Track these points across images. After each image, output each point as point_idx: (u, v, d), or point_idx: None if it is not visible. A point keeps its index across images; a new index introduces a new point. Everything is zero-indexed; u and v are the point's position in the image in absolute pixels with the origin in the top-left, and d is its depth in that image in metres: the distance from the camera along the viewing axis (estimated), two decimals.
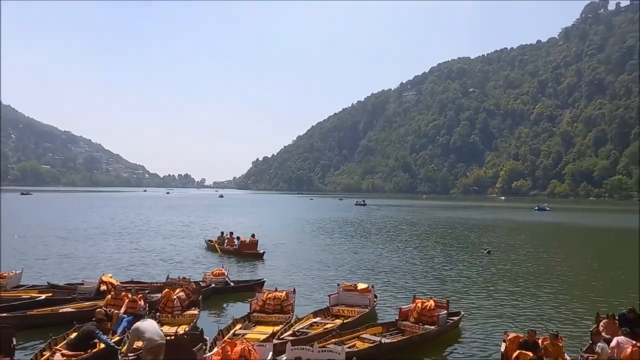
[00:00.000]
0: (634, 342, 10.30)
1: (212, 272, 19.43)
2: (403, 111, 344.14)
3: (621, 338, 10.44)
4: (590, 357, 10.46)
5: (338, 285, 16.25)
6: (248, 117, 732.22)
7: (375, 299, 16.01)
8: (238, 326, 13.29)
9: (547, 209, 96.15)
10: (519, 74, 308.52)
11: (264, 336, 12.07)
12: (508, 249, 33.68)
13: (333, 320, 14.23)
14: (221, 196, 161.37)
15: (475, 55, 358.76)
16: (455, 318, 14.13)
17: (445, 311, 13.74)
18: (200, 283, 17.55)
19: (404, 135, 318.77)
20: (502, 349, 10.74)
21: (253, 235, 29.72)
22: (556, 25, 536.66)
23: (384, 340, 12.03)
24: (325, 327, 13.35)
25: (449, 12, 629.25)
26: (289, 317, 14.02)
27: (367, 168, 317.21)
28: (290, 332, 12.77)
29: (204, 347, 10.33)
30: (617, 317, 12.36)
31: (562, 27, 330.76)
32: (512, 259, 28.61)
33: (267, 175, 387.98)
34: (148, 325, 10.26)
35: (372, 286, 16.25)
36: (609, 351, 10.16)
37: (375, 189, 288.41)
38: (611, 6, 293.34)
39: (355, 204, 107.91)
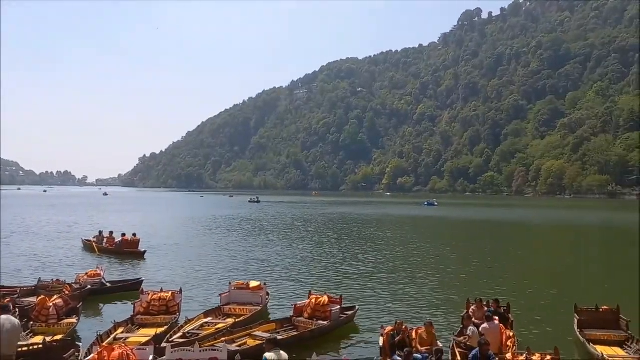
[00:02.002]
0: (499, 325, 11.05)
1: (87, 273, 18.20)
2: (294, 109, 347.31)
3: (487, 324, 11.06)
4: (461, 341, 10.99)
5: (230, 283, 15.85)
6: (132, 111, 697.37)
7: (267, 297, 15.80)
8: (120, 330, 12.50)
9: (436, 204, 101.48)
10: (403, 75, 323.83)
11: (148, 339, 11.42)
12: (402, 243, 34.95)
13: (225, 319, 13.85)
14: (105, 194, 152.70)
15: (363, 56, 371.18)
16: (350, 313, 14.22)
17: (339, 306, 13.80)
18: (74, 285, 16.32)
19: (295, 132, 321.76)
20: (380, 343, 10.75)
21: (134, 234, 28.30)
22: (436, 31, 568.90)
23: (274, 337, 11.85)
24: (217, 327, 12.94)
25: (338, 13, 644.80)
26: (175, 318, 13.54)
27: (259, 165, 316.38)
28: (180, 334, 12.21)
29: (76, 353, 9.57)
30: (484, 303, 13.05)
31: (441, 32, 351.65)
32: (405, 253, 29.63)
33: (155, 172, 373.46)
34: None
35: (265, 284, 16.01)
36: (478, 333, 10.71)
37: (268, 185, 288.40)
38: (484, 15, 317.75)
39: (249, 201, 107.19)
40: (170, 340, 11.42)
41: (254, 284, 15.74)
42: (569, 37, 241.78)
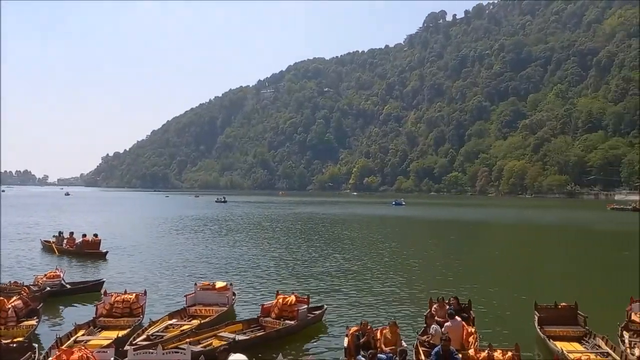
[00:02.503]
0: (460, 322, 11.26)
1: (46, 275, 17.71)
2: (261, 108, 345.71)
3: (451, 320, 11.25)
4: (425, 339, 11.15)
5: (195, 284, 15.67)
6: (95, 109, 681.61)
7: (234, 297, 15.68)
8: (81, 332, 12.24)
9: (404, 203, 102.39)
10: (370, 76, 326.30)
11: (110, 342, 11.23)
12: (370, 243, 35.17)
13: (190, 321, 13.69)
14: (67, 194, 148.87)
15: (330, 56, 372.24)
16: (318, 312, 14.23)
17: (306, 306, 13.78)
18: (32, 287, 15.89)
19: (262, 132, 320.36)
20: (345, 343, 10.73)
21: (96, 235, 27.71)
22: (402, 32, 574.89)
23: (239, 337, 11.84)
24: (182, 328, 12.78)
25: (305, 12, 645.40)
26: (139, 320, 13.33)
27: (226, 164, 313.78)
28: (143, 336, 12.00)
29: (33, 356, 9.32)
30: (446, 302, 13.24)
31: (407, 34, 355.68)
32: (373, 252, 29.77)
33: (118, 172, 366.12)
34: None
35: (231, 284, 15.89)
36: (441, 331, 10.88)
37: (234, 185, 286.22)
38: (449, 17, 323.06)
39: (216, 201, 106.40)
40: (133, 342, 11.23)
41: (220, 284, 15.60)
42: (530, 40, 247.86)
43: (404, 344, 10.78)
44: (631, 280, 20.42)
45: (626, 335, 11.85)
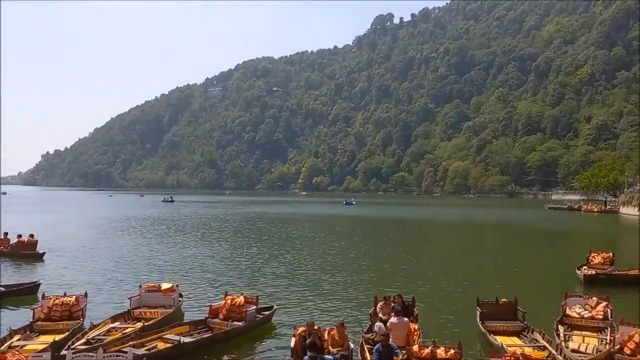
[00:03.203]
0: (405, 319, 11.49)
1: None
2: (209, 106, 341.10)
3: (395, 319, 11.42)
4: (370, 337, 11.30)
5: (140, 286, 15.27)
6: (33, 105, 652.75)
7: (181, 299, 15.40)
8: (16, 337, 11.73)
9: (354, 203, 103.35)
10: (319, 76, 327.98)
11: (46, 346, 10.83)
12: (321, 242, 35.18)
13: (134, 323, 13.33)
14: (4, 193, 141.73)
15: (279, 55, 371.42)
16: (267, 313, 14.15)
17: (254, 306, 13.68)
18: None
19: (210, 130, 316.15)
20: (292, 344, 10.70)
21: (32, 235, 26.56)
22: (350, 33, 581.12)
23: (185, 339, 11.62)
24: (125, 331, 12.43)
25: (254, 11, 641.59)
26: (79, 323, 12.90)
27: (172, 163, 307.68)
28: (83, 340, 11.59)
29: None
30: (391, 299, 13.44)
31: (355, 35, 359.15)
32: (324, 252, 29.75)
33: (59, 170, 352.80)
34: None
35: (177, 285, 15.58)
36: (385, 329, 11.05)
37: (181, 184, 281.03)
38: (396, 20, 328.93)
39: (163, 201, 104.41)
40: (72, 347, 10.84)
41: (165, 285, 15.26)
42: (474, 44, 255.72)
43: (351, 344, 10.83)
44: (566, 277, 21.44)
45: (561, 329, 12.45)
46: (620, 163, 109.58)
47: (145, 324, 13.00)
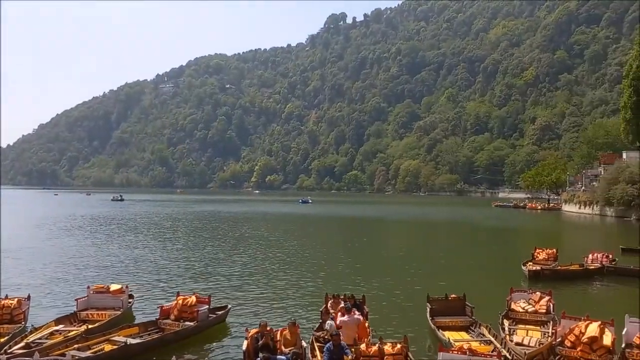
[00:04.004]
0: (356, 317, 11.61)
1: None
2: (160, 103, 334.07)
3: (346, 315, 11.53)
4: (320, 335, 11.41)
5: (88, 287, 14.83)
6: None
7: (131, 300, 15.07)
8: None
9: (310, 201, 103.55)
10: (272, 74, 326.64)
11: None
12: (276, 241, 34.98)
13: (80, 326, 12.94)
14: None
15: (232, 52, 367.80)
16: (220, 312, 14.01)
17: (207, 306, 13.52)
18: None
19: (161, 128, 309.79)
20: (244, 346, 10.56)
21: None
22: (304, 32, 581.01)
23: (132, 341, 11.39)
24: (69, 334, 12.04)
25: (206, 7, 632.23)
26: (20, 327, 12.43)
27: (121, 161, 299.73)
28: (22, 344, 11.14)
29: None
30: (341, 297, 13.54)
31: (309, 34, 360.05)
32: (279, 251, 29.60)
33: (1, 168, 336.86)
34: None
35: (127, 286, 15.24)
36: (335, 325, 11.08)
37: (130, 183, 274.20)
38: (349, 20, 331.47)
39: (112, 200, 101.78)
40: (9, 351, 10.43)
41: (114, 287, 14.89)
42: (425, 45, 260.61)
43: (304, 343, 10.86)
44: (513, 272, 22.20)
45: (506, 323, 12.91)
46: (562, 162, 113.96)
47: (92, 326, 12.66)
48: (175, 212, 68.45)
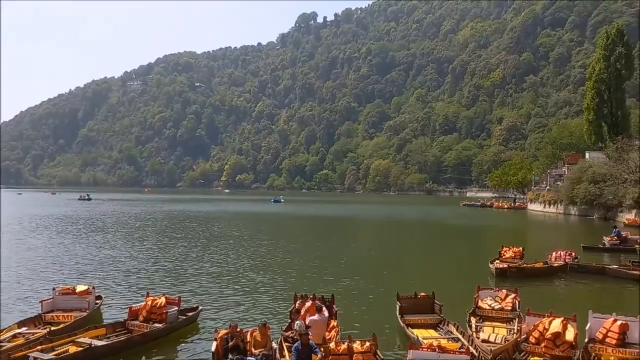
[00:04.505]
0: (326, 316, 11.73)
1: None
2: (128, 101, 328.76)
3: (316, 315, 11.59)
4: (289, 335, 11.42)
5: (53, 289, 14.52)
6: None
7: (98, 301, 14.80)
8: None
9: (282, 200, 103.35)
10: (242, 72, 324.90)
11: None
12: (249, 241, 34.69)
13: (45, 328, 12.64)
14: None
15: (201, 50, 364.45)
16: (191, 314, 13.86)
17: (176, 307, 13.39)
18: None
19: (129, 126, 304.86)
20: (213, 348, 10.40)
21: None
22: (274, 31, 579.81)
23: (97, 342, 11.21)
24: (32, 336, 11.75)
25: (173, 5, 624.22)
26: None
27: (88, 160, 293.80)
28: None
29: None
30: (310, 297, 13.52)
31: (279, 33, 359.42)
32: (251, 251, 29.31)
33: None
34: None
35: (94, 287, 14.95)
36: (303, 326, 11.13)
37: (97, 182, 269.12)
38: (320, 19, 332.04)
39: (79, 199, 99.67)
40: None
41: (81, 288, 14.59)
42: (395, 45, 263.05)
43: (274, 344, 10.85)
44: (481, 270, 22.61)
45: (473, 320, 13.16)
46: (528, 162, 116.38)
47: (51, 328, 12.36)
48: (144, 211, 67.41)
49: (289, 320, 12.46)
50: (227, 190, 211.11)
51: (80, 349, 10.86)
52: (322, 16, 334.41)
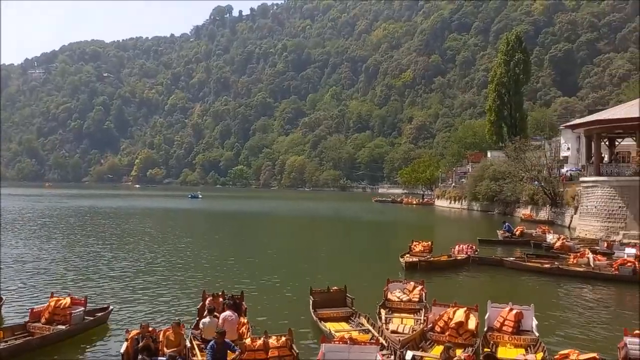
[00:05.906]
0: (237, 314, 11.82)
1: None
2: (29, 90, 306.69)
3: (228, 312, 11.60)
4: (197, 333, 11.41)
5: None
6: None
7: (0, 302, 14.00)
8: None
9: (200, 196, 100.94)
10: (154, 64, 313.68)
11: None
12: (163, 238, 33.75)
13: None
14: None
15: (110, 39, 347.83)
16: (100, 314, 13.42)
17: (82, 308, 12.91)
18: None
19: (29, 116, 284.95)
20: (123, 349, 10.11)
21: None
22: (188, 22, 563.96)
23: None
24: None
25: None
26: None
27: None
28: None
29: None
30: (219, 294, 13.54)
31: (193, 24, 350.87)
32: (164, 247, 28.64)
33: None
34: None
35: None
36: (216, 324, 11.08)
37: None
38: (235, 13, 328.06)
39: None
40: None
41: None
42: (310, 43, 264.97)
43: (188, 343, 10.77)
44: (392, 264, 23.54)
45: (383, 312, 13.80)
46: (435, 160, 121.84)
47: None
48: (48, 207, 63.54)
49: (197, 319, 12.41)
50: (137, 186, 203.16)
51: None
52: (237, 10, 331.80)
